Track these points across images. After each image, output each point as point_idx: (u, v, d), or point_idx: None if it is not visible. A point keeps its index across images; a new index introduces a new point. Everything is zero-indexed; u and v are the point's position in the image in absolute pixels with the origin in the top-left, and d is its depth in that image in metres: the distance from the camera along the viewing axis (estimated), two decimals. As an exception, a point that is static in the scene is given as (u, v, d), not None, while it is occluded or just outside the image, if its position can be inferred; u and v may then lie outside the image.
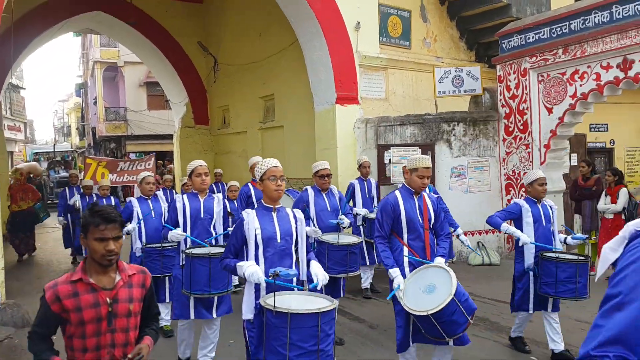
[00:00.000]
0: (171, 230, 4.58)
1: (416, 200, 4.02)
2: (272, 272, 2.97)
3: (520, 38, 8.65)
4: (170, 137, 18.84)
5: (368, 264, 6.87)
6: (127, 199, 5.91)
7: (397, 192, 4.07)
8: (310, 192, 5.67)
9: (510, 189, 8.90)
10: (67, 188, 10.40)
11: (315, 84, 9.59)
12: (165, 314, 5.63)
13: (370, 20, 9.74)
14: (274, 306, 2.73)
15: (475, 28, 11.67)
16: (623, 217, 7.41)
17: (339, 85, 9.22)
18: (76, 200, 9.32)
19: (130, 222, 5.74)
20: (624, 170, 12.09)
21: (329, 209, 5.63)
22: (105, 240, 2.30)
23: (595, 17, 7.61)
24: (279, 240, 3.28)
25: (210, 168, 15.00)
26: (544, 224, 4.85)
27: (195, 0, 15.02)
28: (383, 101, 10.09)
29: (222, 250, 4.20)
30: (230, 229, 4.68)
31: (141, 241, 5.71)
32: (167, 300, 5.62)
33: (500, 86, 9.01)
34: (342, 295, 5.44)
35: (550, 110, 8.29)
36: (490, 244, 9.02)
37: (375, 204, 6.98)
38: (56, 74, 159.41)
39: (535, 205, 4.90)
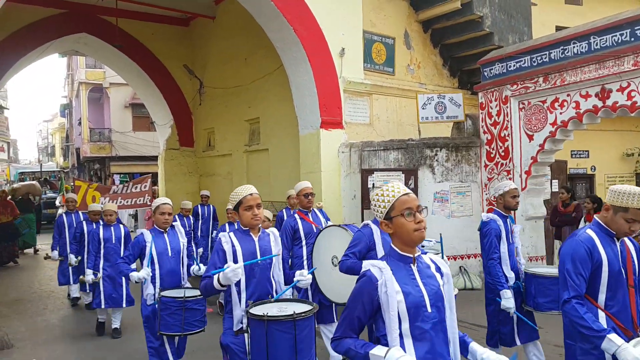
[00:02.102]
0: (222, 270, 3.23)
1: (618, 245, 2.92)
2: None
3: (502, 66, 8.81)
4: (155, 158, 18.75)
5: None
6: (138, 231, 4.83)
7: (591, 232, 2.94)
8: (375, 229, 4.14)
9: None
10: (64, 215, 8.78)
11: (300, 108, 9.65)
12: None
13: (355, 47, 9.86)
14: None
15: (458, 55, 11.87)
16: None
17: (323, 109, 9.28)
18: (91, 276, 6.79)
19: (142, 261, 4.69)
20: (604, 197, 12.27)
21: None
22: None
23: (574, 47, 7.78)
24: (429, 309, 2.18)
25: (196, 190, 15.09)
26: None
27: (181, 23, 15.11)
28: (367, 126, 10.17)
29: (306, 308, 3.10)
30: (303, 277, 3.43)
31: (154, 286, 4.57)
32: None
33: (482, 113, 9.14)
34: None
35: (531, 137, 8.41)
36: (472, 268, 9.04)
37: None
38: (41, 94, 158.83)
39: None
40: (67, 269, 8.39)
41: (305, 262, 5.39)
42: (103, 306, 6.72)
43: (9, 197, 15.65)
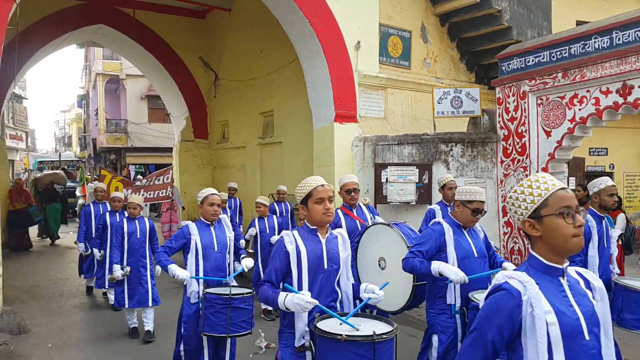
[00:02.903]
0: (294, 293, 2.74)
1: None
2: None
3: (520, 61, 8.67)
4: (169, 150, 18.88)
5: None
6: (183, 223, 4.57)
7: None
8: (447, 228, 3.74)
9: (508, 210, 8.85)
10: (91, 204, 8.41)
11: (315, 101, 9.60)
12: None
13: (371, 40, 9.78)
14: None
15: (475, 50, 11.72)
16: (620, 242, 7.37)
17: (337, 103, 9.23)
18: (119, 272, 6.14)
19: (184, 255, 4.37)
20: (623, 195, 12.09)
21: (476, 255, 3.74)
22: None
23: (595, 42, 7.62)
24: (587, 337, 1.74)
25: (209, 182, 15.12)
26: None
27: (197, 15, 15.13)
28: (382, 120, 10.09)
29: (386, 328, 2.65)
30: (375, 295, 2.94)
31: (198, 282, 4.29)
32: None
33: (499, 108, 9.00)
34: None
35: (548, 134, 8.27)
36: (486, 266, 8.95)
37: None
38: (59, 85, 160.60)
39: None
40: (92, 263, 8.12)
41: None
42: (127, 305, 6.18)
43: (32, 188, 15.84)
